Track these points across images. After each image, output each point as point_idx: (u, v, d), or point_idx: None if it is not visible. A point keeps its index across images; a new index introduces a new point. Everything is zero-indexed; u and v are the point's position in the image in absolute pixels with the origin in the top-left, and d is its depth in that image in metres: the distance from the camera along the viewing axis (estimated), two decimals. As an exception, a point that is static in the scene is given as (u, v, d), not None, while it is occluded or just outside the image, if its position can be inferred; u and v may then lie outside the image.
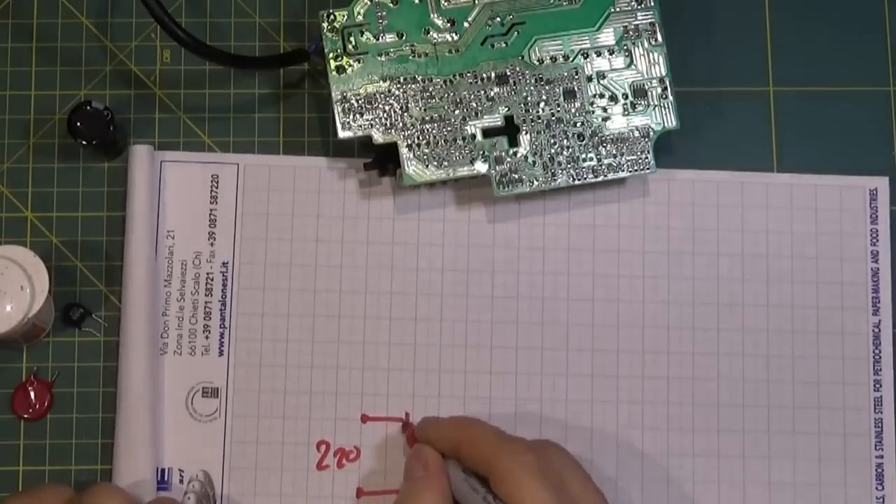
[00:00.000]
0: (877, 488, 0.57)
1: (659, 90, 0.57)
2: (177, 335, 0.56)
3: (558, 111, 0.56)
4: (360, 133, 0.55)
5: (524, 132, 0.56)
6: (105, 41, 0.59)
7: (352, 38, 0.55)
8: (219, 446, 0.56)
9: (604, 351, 0.57)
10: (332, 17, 0.55)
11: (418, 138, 0.55)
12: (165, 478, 0.55)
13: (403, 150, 0.55)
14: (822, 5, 0.60)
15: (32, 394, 0.56)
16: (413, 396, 0.57)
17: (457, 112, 0.55)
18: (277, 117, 0.59)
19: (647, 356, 0.57)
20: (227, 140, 0.58)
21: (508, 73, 0.56)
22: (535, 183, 0.56)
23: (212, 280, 0.57)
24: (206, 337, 0.56)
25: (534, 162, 0.56)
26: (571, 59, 0.56)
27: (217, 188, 0.57)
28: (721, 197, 0.58)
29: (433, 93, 0.55)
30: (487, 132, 0.56)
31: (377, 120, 0.55)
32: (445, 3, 0.56)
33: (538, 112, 0.56)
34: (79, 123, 0.55)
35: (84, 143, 0.55)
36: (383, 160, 0.56)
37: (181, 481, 0.55)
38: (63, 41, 0.59)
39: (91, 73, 0.59)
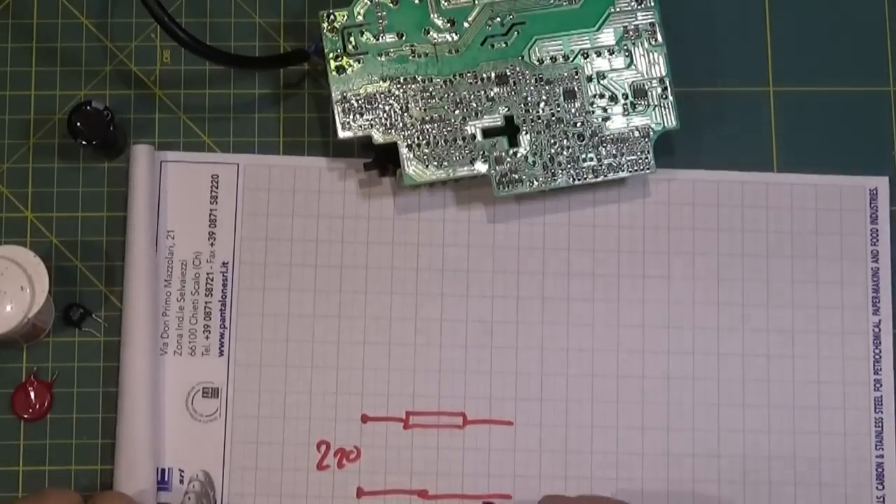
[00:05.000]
0: (877, 488, 0.57)
1: (659, 90, 0.57)
2: (177, 335, 0.56)
3: (558, 111, 0.56)
4: (360, 133, 0.55)
5: (524, 132, 0.56)
6: (105, 41, 0.59)
7: (352, 39, 0.55)
8: (219, 446, 0.56)
9: (604, 351, 0.57)
10: (332, 17, 0.55)
11: (418, 138, 0.55)
12: (165, 478, 0.55)
13: (403, 151, 0.55)
14: (822, 5, 0.60)
15: (32, 394, 0.56)
16: (413, 396, 0.57)
17: (457, 112, 0.55)
18: (277, 117, 0.58)
19: (647, 356, 0.57)
20: (227, 140, 0.58)
21: (508, 73, 0.56)
22: (535, 183, 0.56)
23: (212, 280, 0.57)
24: (207, 337, 0.56)
25: (534, 162, 0.56)
26: (571, 59, 0.56)
27: (217, 188, 0.57)
28: (721, 197, 0.58)
29: (433, 93, 0.55)
30: (487, 132, 0.56)
31: (377, 120, 0.55)
32: (445, 4, 0.56)
33: (538, 112, 0.56)
34: (79, 123, 0.55)
35: (84, 143, 0.55)
36: (383, 160, 0.56)
37: (181, 481, 0.55)
38: (63, 41, 0.59)
39: (91, 73, 0.59)
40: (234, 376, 0.56)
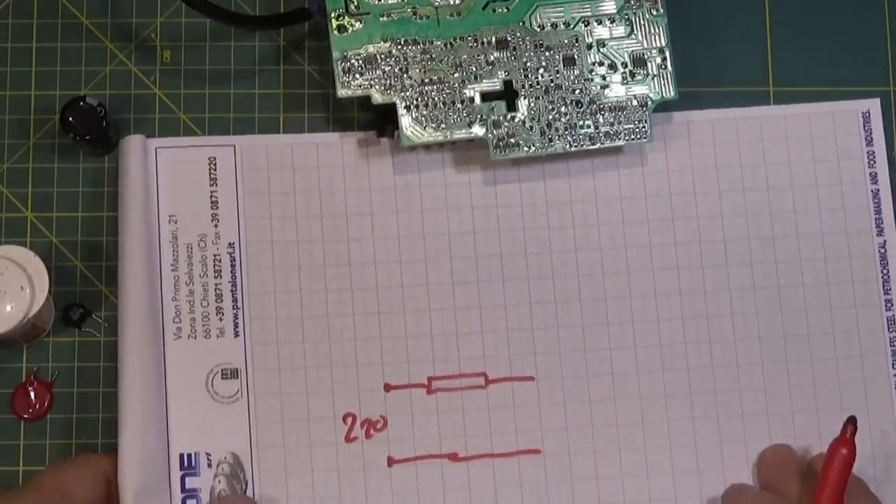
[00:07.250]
0: (896, 407, 0.57)
1: (658, 60, 0.57)
2: (189, 319, 0.56)
3: (557, 78, 0.56)
4: (359, 93, 0.55)
5: (522, 97, 0.56)
6: (105, 41, 0.59)
7: (354, -1, 0.56)
8: (244, 427, 0.55)
9: (616, 298, 0.57)
10: (335, -25, 0.55)
11: (417, 100, 0.55)
12: (192, 463, 0.55)
13: (402, 111, 0.55)
14: (822, 5, 0.61)
15: (32, 394, 0.56)
16: (433, 361, 0.56)
17: (456, 75, 0.56)
18: (277, 117, 0.58)
19: (659, 299, 0.57)
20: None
21: (509, 39, 0.56)
22: (532, 148, 0.56)
23: (219, 261, 0.56)
24: (220, 319, 0.56)
25: (531, 127, 0.56)
26: (572, 26, 0.57)
27: (216, 170, 0.57)
28: (717, 135, 0.59)
29: (433, 55, 0.56)
30: (486, 96, 0.56)
31: (376, 80, 0.55)
32: (448, -34, 0.56)
33: (537, 78, 0.56)
34: (71, 118, 0.55)
35: (77, 137, 0.55)
36: (382, 121, 0.56)
37: (209, 465, 0.55)
38: (63, 41, 0.58)
39: (91, 73, 0.58)
40: (251, 356, 0.56)
